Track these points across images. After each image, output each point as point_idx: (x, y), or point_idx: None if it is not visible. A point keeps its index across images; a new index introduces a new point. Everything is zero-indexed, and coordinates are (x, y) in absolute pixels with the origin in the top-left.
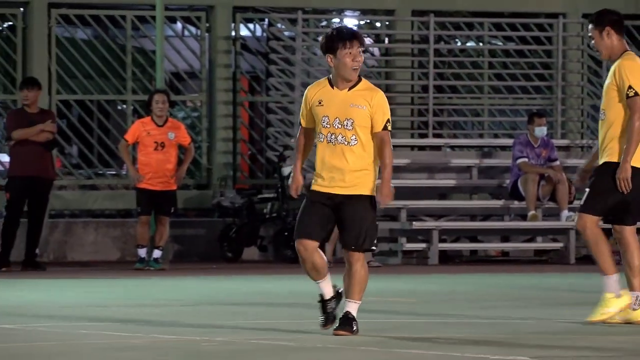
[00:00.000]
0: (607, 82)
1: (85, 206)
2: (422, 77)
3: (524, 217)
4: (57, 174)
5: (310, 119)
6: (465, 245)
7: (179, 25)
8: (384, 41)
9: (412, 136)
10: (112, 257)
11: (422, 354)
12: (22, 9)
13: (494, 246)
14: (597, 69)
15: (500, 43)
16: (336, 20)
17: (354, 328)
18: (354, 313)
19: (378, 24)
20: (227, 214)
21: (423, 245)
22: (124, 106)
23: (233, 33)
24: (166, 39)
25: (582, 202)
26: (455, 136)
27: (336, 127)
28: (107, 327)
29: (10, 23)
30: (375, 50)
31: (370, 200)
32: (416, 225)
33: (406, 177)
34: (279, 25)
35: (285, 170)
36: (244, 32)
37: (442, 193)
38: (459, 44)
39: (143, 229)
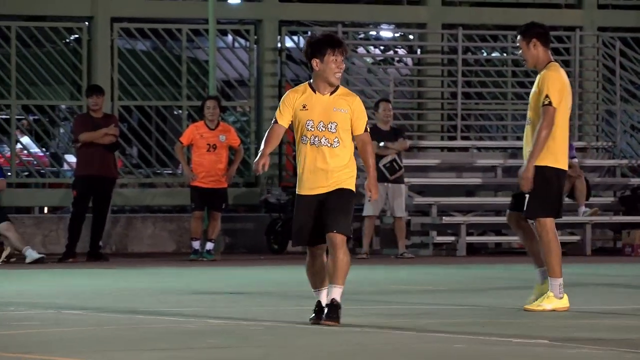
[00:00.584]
0: (532, 90)
1: (144, 202)
2: (451, 84)
3: None
4: (119, 173)
5: (289, 120)
6: (490, 238)
7: (229, 37)
8: (416, 52)
9: (442, 139)
10: (168, 249)
11: (452, 337)
12: (87, 23)
13: (517, 239)
14: (611, 77)
15: None
16: (372, 32)
17: (340, 317)
18: (339, 299)
19: (411, 36)
20: (274, 209)
21: (452, 238)
22: (180, 111)
23: (279, 44)
24: (218, 50)
25: (532, 210)
26: (481, 138)
27: (320, 130)
28: (163, 313)
29: (77, 36)
30: (409, 60)
31: (351, 193)
32: (446, 220)
33: (436, 176)
34: None
35: None
36: (289, 43)
37: (470, 190)
38: (485, 54)
39: (197, 223)
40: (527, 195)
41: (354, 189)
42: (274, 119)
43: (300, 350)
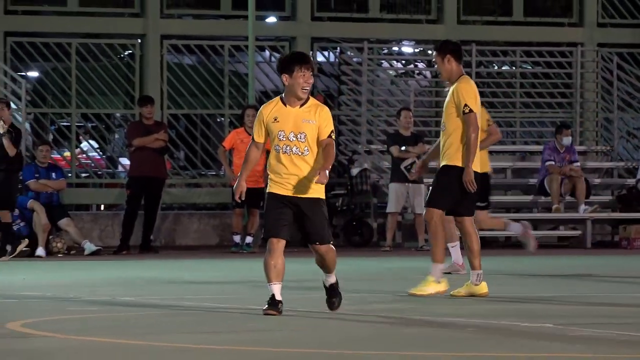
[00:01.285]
0: (447, 100)
1: (190, 200)
2: None
3: (549, 210)
4: (168, 175)
5: (264, 135)
6: (500, 233)
7: (267, 52)
8: (434, 66)
9: None
10: (212, 242)
11: (465, 321)
12: (139, 40)
13: None
14: (609, 88)
15: (529, 67)
16: (395, 48)
17: (340, 294)
18: (335, 279)
19: (430, 52)
20: None
21: None
22: (222, 119)
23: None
24: (256, 64)
25: (427, 198)
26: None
27: (291, 139)
28: (207, 299)
29: (130, 51)
30: (428, 73)
31: (323, 202)
32: None
33: None
34: (348, 52)
35: (354, 171)
36: (320, 58)
37: None
38: (496, 67)
39: (237, 219)
40: (429, 188)
41: (323, 197)
42: (252, 137)
43: (324, 334)
